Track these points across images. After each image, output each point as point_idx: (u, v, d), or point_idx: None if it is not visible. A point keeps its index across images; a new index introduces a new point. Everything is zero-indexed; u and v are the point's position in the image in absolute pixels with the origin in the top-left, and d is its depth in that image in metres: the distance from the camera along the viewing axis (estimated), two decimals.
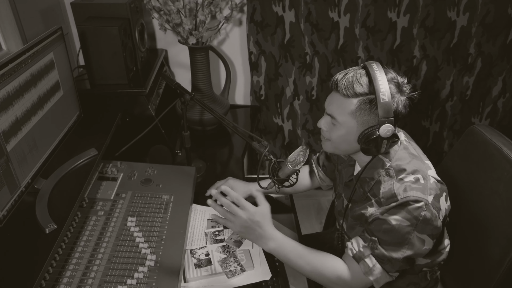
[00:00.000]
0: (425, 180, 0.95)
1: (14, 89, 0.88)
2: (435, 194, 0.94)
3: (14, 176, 0.88)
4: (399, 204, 0.92)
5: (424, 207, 0.90)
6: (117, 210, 1.17)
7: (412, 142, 1.10)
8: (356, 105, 0.93)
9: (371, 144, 0.93)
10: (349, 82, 0.93)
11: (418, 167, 0.97)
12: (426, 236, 0.93)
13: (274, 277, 1.19)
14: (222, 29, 1.88)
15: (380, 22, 1.80)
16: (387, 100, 0.88)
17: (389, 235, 0.94)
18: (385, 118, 0.89)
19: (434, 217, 0.92)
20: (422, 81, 1.97)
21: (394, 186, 0.94)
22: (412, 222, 0.91)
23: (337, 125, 0.98)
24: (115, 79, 1.44)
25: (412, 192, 0.91)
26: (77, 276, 0.96)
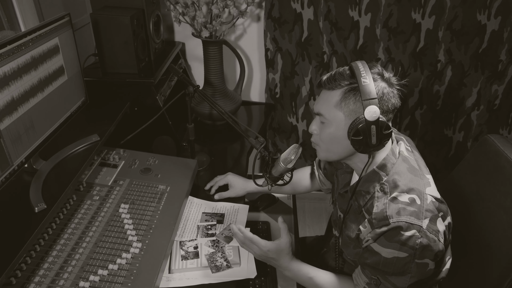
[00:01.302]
0: (421, 200, 0.88)
1: (12, 70, 0.91)
2: (431, 216, 0.87)
3: (6, 154, 0.91)
4: (391, 229, 0.86)
5: (418, 235, 0.84)
6: (112, 196, 1.19)
7: (415, 151, 1.04)
8: (341, 95, 0.90)
9: (360, 135, 0.88)
10: (332, 76, 0.92)
11: (415, 184, 0.90)
12: (428, 260, 0.87)
13: (263, 277, 1.17)
14: (239, 25, 1.87)
15: (403, 23, 1.72)
16: (368, 83, 0.85)
17: (389, 267, 0.89)
18: (369, 100, 0.85)
19: (433, 241, 0.85)
20: (446, 87, 1.87)
21: (387, 206, 0.89)
22: (410, 252, 0.85)
23: (326, 122, 0.94)
24: (126, 69, 1.46)
25: (405, 217, 0.85)
26: (62, 257, 0.98)
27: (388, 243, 0.86)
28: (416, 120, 1.97)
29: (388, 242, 0.86)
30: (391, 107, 0.92)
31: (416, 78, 1.85)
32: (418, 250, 0.84)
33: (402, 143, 1.01)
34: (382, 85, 0.90)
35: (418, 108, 1.94)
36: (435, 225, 0.87)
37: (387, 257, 0.87)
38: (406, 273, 0.87)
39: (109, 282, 0.94)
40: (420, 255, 0.85)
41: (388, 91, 0.91)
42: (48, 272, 0.93)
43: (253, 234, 1.08)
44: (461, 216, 1.15)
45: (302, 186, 1.36)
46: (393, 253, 0.86)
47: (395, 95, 0.93)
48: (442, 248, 0.87)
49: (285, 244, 1.04)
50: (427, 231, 0.85)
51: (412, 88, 1.88)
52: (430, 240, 0.85)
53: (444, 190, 1.28)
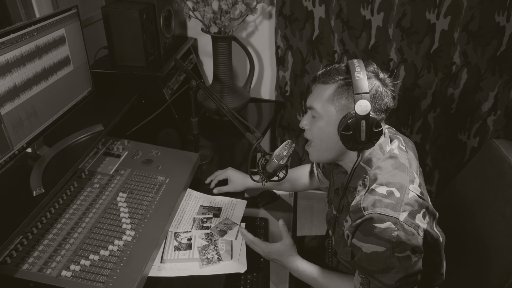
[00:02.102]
0: (401, 193, 0.86)
1: (15, 58, 0.94)
2: (410, 210, 0.85)
3: (6, 139, 0.94)
4: (365, 220, 0.84)
5: (394, 227, 0.82)
6: (112, 185, 1.22)
7: (411, 152, 1.01)
8: (334, 89, 0.90)
9: (350, 129, 0.87)
10: (327, 70, 0.92)
11: (398, 179, 0.88)
12: (410, 253, 0.85)
13: (255, 273, 1.17)
14: (251, 22, 1.87)
15: (417, 23, 1.68)
16: (361, 78, 0.85)
17: (372, 264, 0.87)
18: (361, 94, 0.84)
19: (411, 234, 0.83)
20: (461, 91, 1.81)
21: (363, 198, 0.87)
22: (387, 246, 0.83)
23: (317, 116, 0.94)
24: (134, 61, 1.50)
25: (380, 209, 0.83)
26: (57, 240, 1.01)
27: (364, 237, 0.85)
28: (428, 123, 1.92)
29: (364, 236, 0.85)
30: (383, 107, 0.91)
31: (429, 80, 1.80)
32: (396, 244, 0.82)
33: (396, 142, 0.99)
34: (376, 83, 0.90)
35: (431, 111, 1.88)
36: (413, 219, 0.84)
37: (367, 252, 0.86)
38: (389, 269, 0.85)
39: (99, 267, 0.96)
40: (399, 248, 0.83)
41: (382, 90, 0.91)
42: (42, 254, 0.97)
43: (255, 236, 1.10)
44: (461, 222, 1.12)
45: (301, 184, 1.35)
46: (371, 248, 0.85)
47: (389, 95, 0.92)
48: (421, 242, 0.84)
49: (286, 247, 1.05)
50: (404, 223, 0.82)
51: (425, 90, 1.83)
52: (407, 233, 0.82)
53: (447, 195, 1.25)
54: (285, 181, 1.36)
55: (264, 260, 1.23)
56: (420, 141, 1.97)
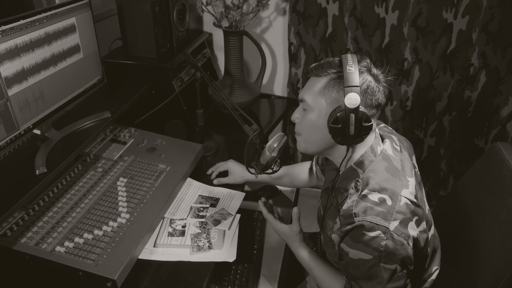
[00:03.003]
0: (393, 201, 0.85)
1: (24, 43, 1.00)
2: (402, 219, 0.83)
3: (12, 119, 1.00)
4: (355, 227, 0.84)
5: (383, 236, 0.81)
6: (114, 170, 1.26)
7: (405, 152, 0.99)
8: (325, 82, 0.90)
9: (339, 123, 0.86)
10: (320, 63, 0.92)
11: (390, 185, 0.87)
12: (397, 266, 0.83)
13: (246, 264, 1.18)
14: (265, 18, 1.88)
15: (433, 22, 1.64)
16: (353, 71, 0.84)
17: (357, 270, 0.87)
18: (351, 87, 0.84)
19: (400, 244, 0.81)
20: (479, 94, 1.74)
21: (355, 204, 0.86)
22: (374, 254, 0.82)
23: (308, 109, 0.94)
24: (146, 53, 1.54)
25: (371, 217, 0.82)
26: (56, 218, 1.06)
27: (353, 243, 0.84)
28: (443, 127, 1.86)
29: (353, 242, 0.84)
30: (374, 102, 0.90)
31: (445, 82, 1.75)
32: (383, 253, 0.81)
33: (388, 142, 0.97)
34: (368, 78, 0.89)
35: (446, 114, 1.83)
36: (405, 228, 0.83)
37: (353, 258, 0.85)
38: (373, 277, 0.84)
39: (91, 245, 1.00)
40: (386, 258, 0.82)
41: (374, 85, 0.89)
42: (40, 230, 1.02)
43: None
44: (459, 227, 1.09)
45: (300, 180, 1.35)
46: (358, 254, 0.84)
47: (381, 91, 0.91)
48: (410, 253, 0.83)
49: (292, 232, 1.08)
50: (394, 233, 0.81)
51: (440, 92, 1.78)
52: (396, 243, 0.81)
53: (448, 199, 1.22)
54: (285, 176, 1.37)
55: (257, 253, 1.24)
56: (434, 145, 1.92)
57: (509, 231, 0.87)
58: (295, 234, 1.08)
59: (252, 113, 1.88)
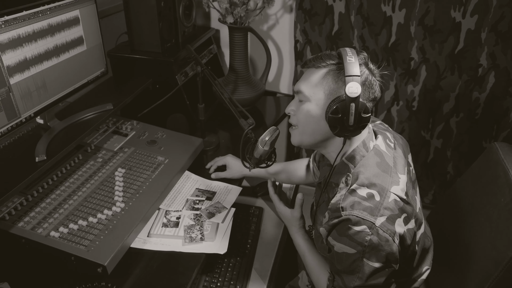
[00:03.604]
0: (381, 197, 0.84)
1: (26, 33, 1.03)
2: (389, 215, 0.83)
3: (14, 107, 1.03)
4: (342, 221, 0.84)
5: (369, 231, 0.81)
6: (114, 160, 1.29)
7: (399, 149, 0.98)
8: (324, 73, 0.90)
9: (339, 113, 0.85)
10: (319, 55, 0.93)
11: (380, 180, 0.86)
12: (379, 264, 0.83)
13: (239, 257, 1.19)
14: (272, 15, 1.88)
15: (441, 21, 1.61)
16: (353, 61, 0.85)
17: (340, 264, 0.87)
18: (352, 76, 0.84)
19: (385, 241, 0.81)
20: (487, 95, 1.70)
21: (343, 198, 0.86)
22: (358, 249, 0.82)
23: (304, 100, 0.93)
24: (151, 47, 1.56)
25: (358, 211, 0.82)
26: (53, 205, 1.09)
27: (339, 237, 0.84)
28: (450, 128, 1.83)
29: (338, 235, 0.84)
30: (371, 96, 0.90)
31: (452, 82, 1.72)
32: (367, 248, 0.81)
33: (381, 138, 0.96)
34: (366, 71, 0.90)
35: (453, 115, 1.79)
36: (392, 225, 0.82)
37: (338, 251, 0.85)
38: (355, 272, 0.84)
39: (85, 232, 1.03)
40: (369, 254, 0.81)
41: (371, 79, 0.90)
42: (38, 215, 1.05)
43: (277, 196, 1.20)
44: (453, 227, 1.07)
45: (297, 177, 1.35)
46: (342, 248, 0.84)
47: (377, 85, 0.92)
48: (395, 250, 0.82)
49: (293, 217, 1.11)
50: (380, 228, 0.80)
51: (448, 93, 1.75)
52: (381, 239, 0.80)
53: (446, 199, 1.20)
54: (282, 172, 1.37)
55: (251, 247, 1.24)
56: (441, 147, 1.88)
57: (499, 231, 0.85)
58: (296, 219, 1.10)
59: (257, 110, 1.89)
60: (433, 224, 1.17)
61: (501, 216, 0.86)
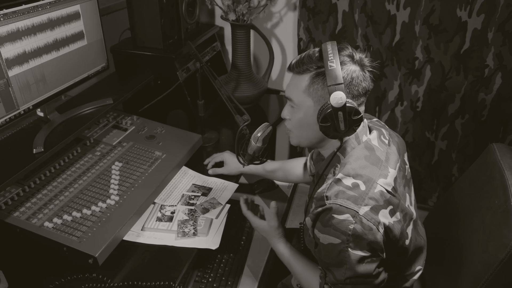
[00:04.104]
0: (367, 187, 0.83)
1: (26, 27, 1.05)
2: (374, 205, 0.82)
3: (12, 99, 1.05)
4: (325, 210, 0.83)
5: (352, 220, 0.80)
6: (112, 154, 1.30)
7: (393, 146, 0.97)
8: (309, 80, 0.88)
9: (328, 121, 0.85)
10: (301, 59, 0.90)
11: (367, 172, 0.86)
12: (364, 252, 0.82)
13: (232, 254, 1.19)
14: (276, 13, 1.88)
15: (447, 20, 1.58)
16: (334, 67, 0.82)
17: (328, 257, 0.86)
18: (334, 85, 0.82)
19: (368, 229, 0.80)
20: (494, 97, 1.67)
21: (328, 187, 0.86)
22: (342, 238, 0.81)
23: (295, 107, 0.93)
24: (152, 43, 1.58)
25: (342, 200, 0.81)
26: (49, 196, 1.11)
27: (323, 228, 0.84)
28: (455, 130, 1.79)
29: (323, 226, 0.84)
30: (362, 91, 0.89)
31: (458, 83, 1.69)
32: (351, 237, 0.80)
33: (376, 133, 0.95)
34: (352, 68, 0.87)
35: (459, 116, 1.76)
36: (376, 214, 0.81)
37: (324, 243, 0.85)
38: (342, 264, 0.83)
39: (78, 223, 1.04)
40: (354, 243, 0.81)
41: (359, 74, 0.88)
42: (33, 206, 1.07)
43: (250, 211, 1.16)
44: (449, 229, 1.05)
45: (294, 175, 1.34)
46: (327, 239, 0.83)
47: (367, 78, 0.89)
48: (380, 239, 0.81)
49: (270, 228, 1.08)
50: (363, 217, 0.80)
51: (453, 93, 1.72)
52: (365, 228, 0.80)
53: (444, 201, 1.18)
54: (279, 170, 1.37)
55: (245, 244, 1.24)
56: (446, 149, 1.85)
57: (491, 234, 0.83)
58: (274, 229, 1.07)
59: (259, 107, 1.89)
60: (430, 225, 1.15)
61: (494, 219, 0.84)
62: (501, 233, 0.79)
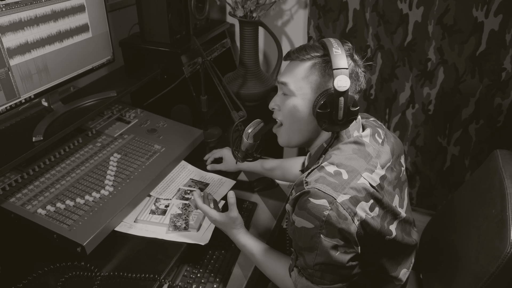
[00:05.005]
0: (350, 176, 0.81)
1: (28, 17, 1.07)
2: (353, 195, 0.79)
3: (13, 87, 1.08)
4: (302, 193, 0.81)
5: (328, 206, 0.77)
6: (111, 146, 1.32)
7: (387, 146, 0.93)
8: (309, 66, 0.87)
9: (328, 107, 0.83)
10: (302, 46, 0.90)
11: (352, 163, 0.83)
12: (338, 240, 0.79)
13: (223, 251, 1.18)
14: (287, 10, 1.86)
15: (462, 20, 1.51)
16: (340, 53, 0.81)
17: (300, 240, 0.84)
18: (340, 69, 0.80)
19: (343, 219, 0.77)
20: (511, 102, 1.59)
21: (310, 173, 0.84)
22: (316, 223, 0.79)
23: (289, 94, 0.90)
24: (160, 38, 1.58)
25: (321, 185, 0.79)
26: (46, 184, 1.13)
27: (299, 211, 0.82)
28: (469, 135, 1.72)
29: (299, 210, 0.82)
30: (358, 88, 0.89)
31: (473, 86, 1.61)
32: (324, 224, 0.78)
33: (369, 131, 0.92)
34: (352, 63, 0.87)
35: (473, 121, 1.69)
36: (354, 206, 0.79)
37: (298, 226, 0.83)
38: (313, 249, 0.81)
39: (70, 212, 1.06)
40: (326, 230, 0.78)
41: (357, 70, 0.88)
42: (29, 192, 1.09)
43: (209, 206, 1.09)
44: (446, 236, 1.00)
45: (292, 174, 1.32)
46: (301, 222, 0.81)
47: (362, 76, 0.89)
48: (353, 231, 0.78)
49: (230, 219, 1.04)
50: (341, 205, 0.77)
51: (467, 97, 1.64)
52: (340, 216, 0.77)
53: (445, 207, 1.13)
54: (277, 169, 1.35)
55: None
56: (458, 154, 1.78)
57: (485, 244, 0.78)
58: (233, 220, 1.04)
59: (266, 105, 1.86)
60: (431, 231, 1.11)
61: (489, 229, 0.79)
62: (494, 244, 0.74)
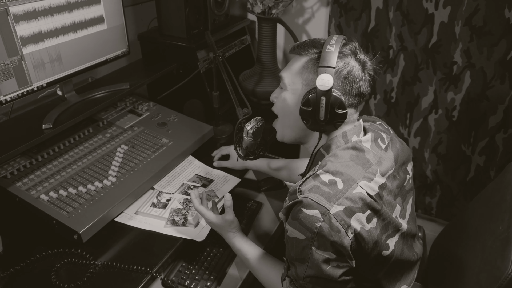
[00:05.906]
0: (345, 186, 0.76)
1: (42, 8, 1.10)
2: (348, 206, 0.74)
3: (26, 75, 1.11)
4: (296, 202, 0.77)
5: (320, 217, 0.73)
6: (120, 137, 1.33)
7: (391, 152, 0.88)
8: (305, 61, 0.85)
9: (310, 105, 0.80)
10: (304, 42, 0.88)
11: (349, 171, 0.79)
12: (330, 253, 0.75)
13: (221, 249, 1.17)
14: (308, 8, 1.81)
15: (492, 22, 1.42)
16: (331, 51, 0.78)
17: (292, 250, 0.81)
18: (325, 67, 0.77)
19: (336, 231, 0.73)
20: None
21: (304, 181, 0.80)
22: (307, 235, 0.75)
23: (283, 87, 0.90)
24: (177, 33, 1.59)
25: (314, 195, 0.75)
26: (52, 170, 1.16)
27: (292, 221, 0.78)
28: (496, 145, 1.61)
29: (292, 219, 0.78)
30: (355, 91, 0.83)
31: (502, 92, 1.51)
32: (316, 236, 0.74)
33: (370, 135, 0.87)
34: (351, 63, 0.83)
35: (501, 130, 1.58)
36: (348, 217, 0.74)
37: (290, 236, 0.79)
38: (305, 261, 0.78)
39: (71, 199, 1.08)
40: (318, 242, 0.74)
41: (357, 72, 0.83)
42: (36, 178, 1.12)
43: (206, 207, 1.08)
44: (454, 251, 0.94)
45: (297, 175, 1.28)
46: (293, 233, 0.78)
47: (365, 79, 0.84)
48: (347, 244, 0.74)
49: (225, 222, 1.03)
50: (334, 217, 0.73)
51: (495, 104, 1.54)
52: (332, 228, 0.73)
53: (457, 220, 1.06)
54: (284, 169, 1.32)
55: None
56: (483, 165, 1.67)
57: (487, 263, 0.72)
58: (229, 223, 1.02)
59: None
60: (440, 244, 1.04)
61: (494, 246, 0.73)
62: (496, 263, 0.68)
